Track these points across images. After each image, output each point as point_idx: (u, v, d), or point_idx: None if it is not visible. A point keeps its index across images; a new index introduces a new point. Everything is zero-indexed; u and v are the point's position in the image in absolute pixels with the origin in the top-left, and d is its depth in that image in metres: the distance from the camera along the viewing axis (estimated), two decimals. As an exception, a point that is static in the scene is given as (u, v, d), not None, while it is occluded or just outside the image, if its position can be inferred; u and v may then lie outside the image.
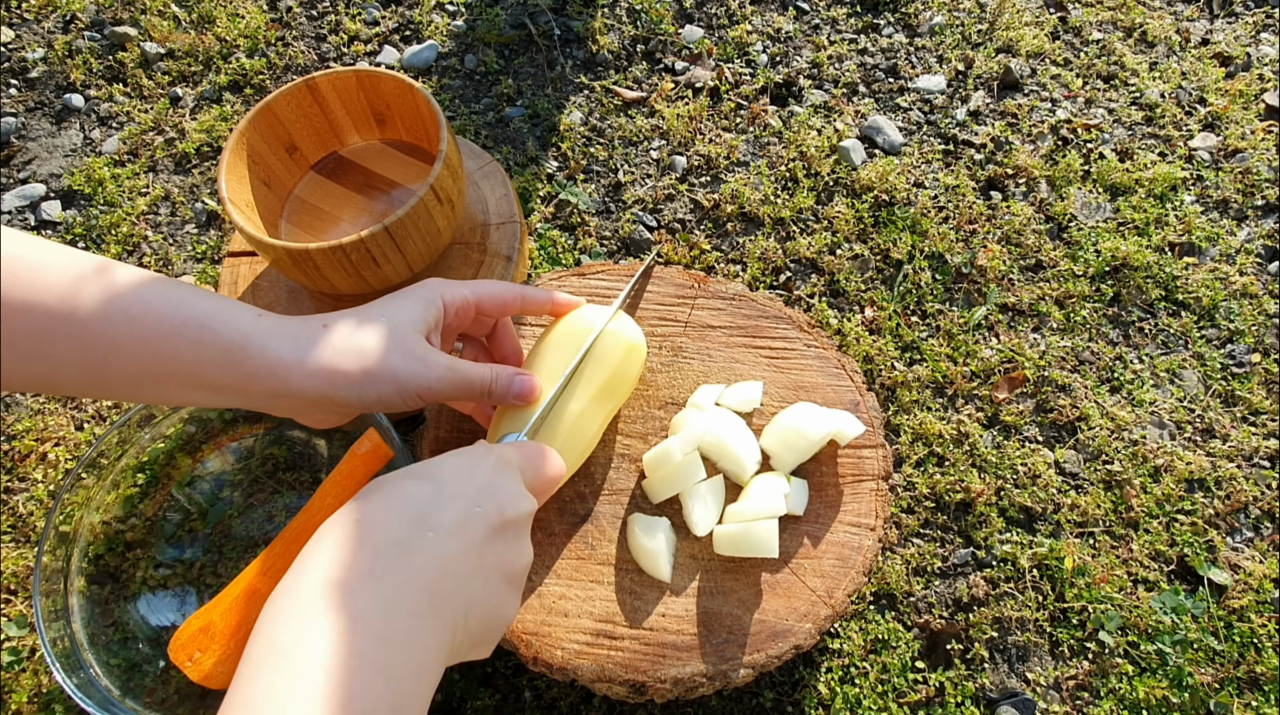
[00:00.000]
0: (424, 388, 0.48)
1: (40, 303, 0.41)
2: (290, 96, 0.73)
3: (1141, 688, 0.66)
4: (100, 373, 0.43)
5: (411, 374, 0.47)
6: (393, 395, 0.47)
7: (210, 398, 0.46)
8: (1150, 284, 0.87)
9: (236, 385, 0.45)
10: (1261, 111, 1.00)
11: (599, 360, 0.57)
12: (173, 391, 0.45)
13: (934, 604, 0.71)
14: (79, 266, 0.43)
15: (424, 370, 0.48)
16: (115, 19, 1.09)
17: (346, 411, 0.49)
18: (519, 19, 1.08)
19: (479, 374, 0.51)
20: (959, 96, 1.02)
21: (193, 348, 0.44)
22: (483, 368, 0.51)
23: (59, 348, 0.42)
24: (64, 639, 0.60)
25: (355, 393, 0.46)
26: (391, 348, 0.47)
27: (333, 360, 0.46)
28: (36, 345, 0.41)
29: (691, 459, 0.56)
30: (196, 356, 0.44)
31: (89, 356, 0.42)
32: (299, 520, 0.63)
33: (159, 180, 0.96)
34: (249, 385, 0.45)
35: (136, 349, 0.43)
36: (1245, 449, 0.77)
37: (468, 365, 0.50)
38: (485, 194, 0.83)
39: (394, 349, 0.47)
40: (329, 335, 0.47)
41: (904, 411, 0.79)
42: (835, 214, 0.91)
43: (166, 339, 0.43)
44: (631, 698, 0.54)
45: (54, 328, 0.41)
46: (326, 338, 0.47)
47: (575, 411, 0.55)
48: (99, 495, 0.67)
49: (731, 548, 0.54)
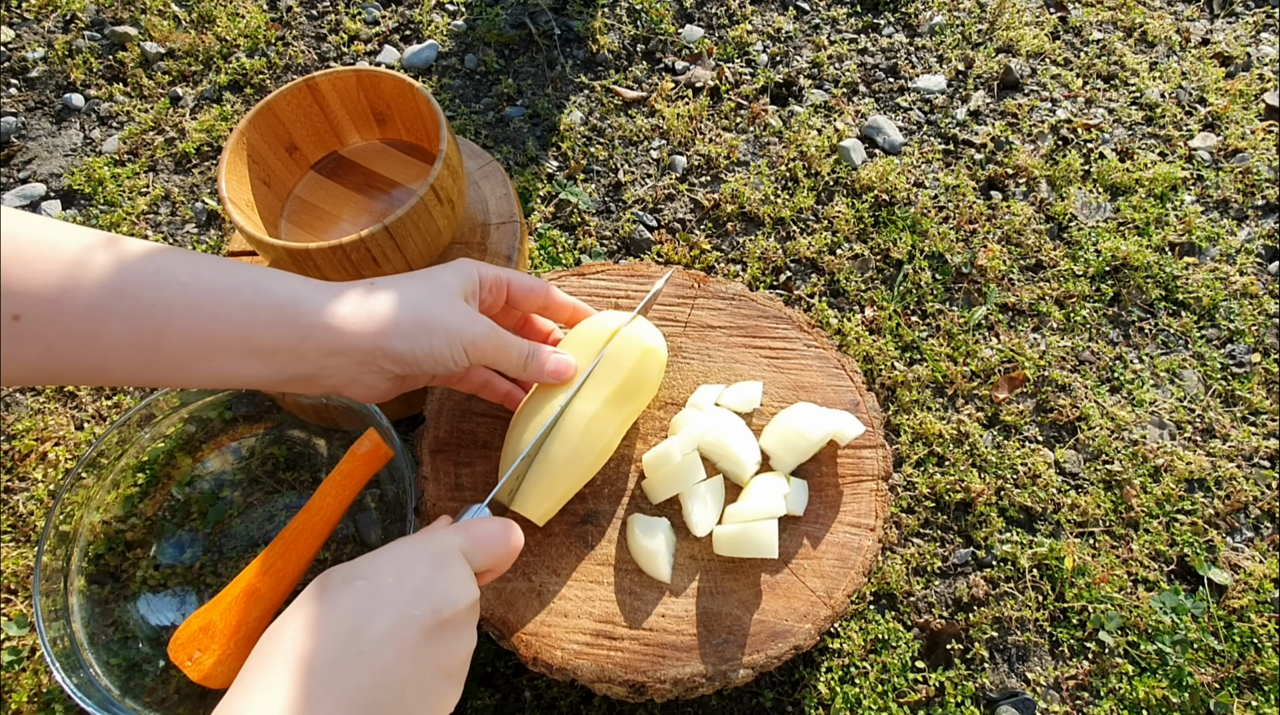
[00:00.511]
0: (470, 340, 0.50)
1: (90, 280, 0.41)
2: (290, 96, 0.73)
3: (1141, 687, 0.66)
4: (153, 349, 0.43)
5: (460, 326, 0.49)
6: (443, 347, 0.49)
7: (260, 368, 0.46)
8: (1150, 284, 0.87)
9: (290, 346, 0.46)
10: (1261, 111, 1.00)
11: (614, 363, 0.56)
12: (225, 364, 0.45)
13: (934, 604, 0.71)
14: (123, 246, 0.43)
15: (470, 324, 0.50)
16: (115, 19, 1.09)
17: (396, 369, 0.49)
18: (519, 19, 1.08)
19: (518, 342, 0.53)
20: (959, 96, 1.02)
21: (247, 310, 0.44)
22: (522, 340, 0.53)
23: (112, 326, 0.41)
24: (64, 638, 0.60)
25: (408, 344, 0.48)
26: (440, 301, 0.49)
27: (386, 311, 0.47)
28: (87, 323, 0.41)
29: (691, 459, 0.56)
30: (250, 318, 0.44)
31: (142, 331, 0.42)
32: (298, 520, 0.63)
33: (159, 180, 0.96)
34: (304, 345, 0.46)
35: (190, 318, 0.43)
36: (1245, 449, 0.77)
37: (508, 333, 0.53)
38: (485, 194, 0.83)
39: (442, 303, 0.49)
40: (379, 291, 0.48)
41: (904, 411, 0.79)
42: (835, 214, 0.91)
43: (219, 303, 0.44)
44: (631, 698, 0.54)
45: (105, 303, 0.41)
46: (377, 294, 0.48)
47: (588, 415, 0.55)
48: (99, 495, 0.67)
49: (731, 548, 0.54)
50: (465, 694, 0.66)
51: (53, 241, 0.41)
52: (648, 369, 0.58)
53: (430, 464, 0.59)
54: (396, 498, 0.69)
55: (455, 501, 0.58)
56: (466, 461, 0.60)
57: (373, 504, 0.69)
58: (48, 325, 0.40)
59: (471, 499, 0.58)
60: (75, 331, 0.41)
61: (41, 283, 0.40)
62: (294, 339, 0.45)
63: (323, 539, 0.63)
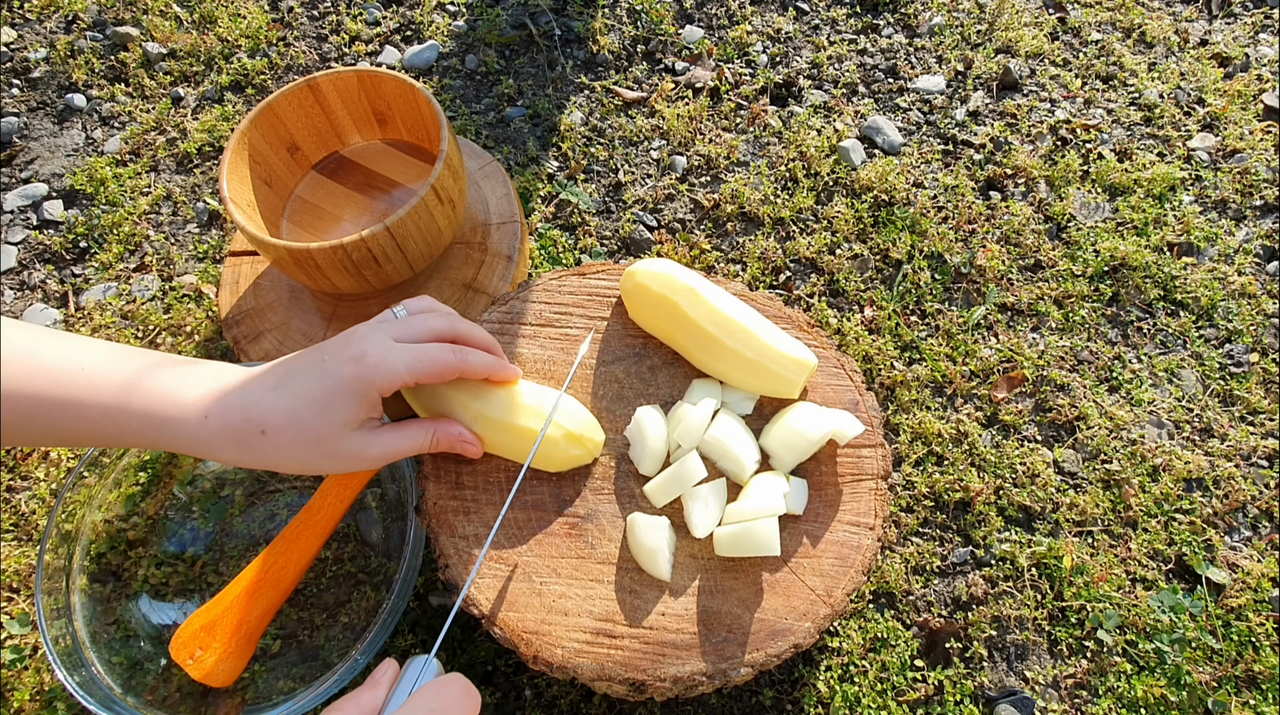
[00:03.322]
0: (365, 468, 0.53)
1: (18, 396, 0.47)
2: (292, 96, 0.74)
3: (1140, 686, 0.66)
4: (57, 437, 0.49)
5: (348, 468, 0.52)
6: (340, 472, 0.54)
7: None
8: (1149, 284, 0.87)
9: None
10: (1260, 112, 1.00)
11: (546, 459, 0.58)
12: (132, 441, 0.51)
13: (933, 603, 0.71)
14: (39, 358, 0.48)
15: (356, 465, 0.52)
16: (117, 19, 1.09)
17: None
18: (520, 19, 1.08)
19: (417, 443, 0.54)
20: (958, 97, 1.02)
21: (159, 443, 0.50)
22: (419, 435, 0.54)
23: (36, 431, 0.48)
24: (66, 637, 0.60)
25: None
26: (324, 453, 0.51)
27: (274, 464, 0.51)
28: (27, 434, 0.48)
29: (692, 460, 0.57)
30: (148, 443, 0.50)
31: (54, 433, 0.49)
32: (300, 519, 0.63)
33: (161, 180, 0.96)
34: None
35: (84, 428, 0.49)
36: (1243, 448, 0.77)
37: (403, 439, 0.54)
38: (486, 194, 0.83)
39: (327, 455, 0.51)
40: (266, 444, 0.50)
41: (903, 411, 0.79)
42: (835, 214, 0.91)
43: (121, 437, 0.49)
44: (631, 696, 0.54)
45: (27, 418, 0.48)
46: (264, 447, 0.50)
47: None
48: (101, 493, 0.67)
49: (733, 549, 0.55)
50: (466, 692, 0.66)
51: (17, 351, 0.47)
52: (578, 460, 0.59)
53: (431, 463, 0.60)
54: (397, 497, 0.69)
55: (455, 501, 0.58)
56: (467, 460, 0.60)
57: (373, 503, 0.70)
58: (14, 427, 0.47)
59: (471, 498, 0.58)
60: (28, 436, 0.48)
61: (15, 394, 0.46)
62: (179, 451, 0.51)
63: (324, 538, 0.63)
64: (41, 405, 0.46)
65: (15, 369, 0.46)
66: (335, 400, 0.50)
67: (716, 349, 0.60)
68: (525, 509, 0.59)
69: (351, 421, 0.51)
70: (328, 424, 0.50)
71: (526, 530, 0.58)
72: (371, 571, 0.67)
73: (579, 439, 0.58)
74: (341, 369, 0.50)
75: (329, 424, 0.50)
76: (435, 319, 0.55)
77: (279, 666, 0.64)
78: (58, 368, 0.47)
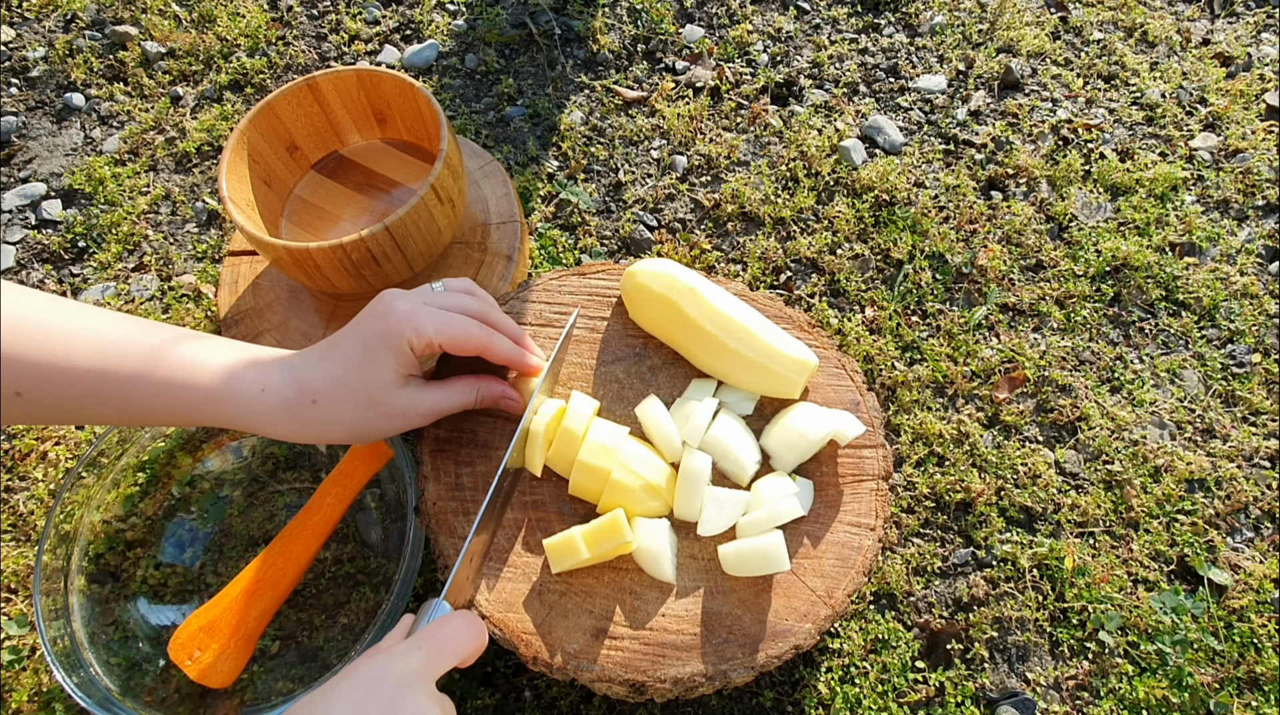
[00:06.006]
0: (416, 425, 0.55)
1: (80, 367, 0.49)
2: (291, 96, 0.73)
3: (1141, 687, 0.66)
4: (131, 416, 0.51)
5: (400, 427, 0.54)
6: (392, 433, 0.55)
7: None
8: (1151, 284, 0.87)
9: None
10: (1262, 111, 1.00)
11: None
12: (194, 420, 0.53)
13: (934, 604, 0.71)
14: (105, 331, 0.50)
15: (407, 422, 0.54)
16: (116, 18, 1.09)
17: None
18: (519, 18, 1.08)
19: (464, 399, 0.56)
20: (959, 96, 1.02)
21: (189, 407, 0.51)
22: (465, 391, 0.56)
23: (96, 406, 0.50)
24: (64, 638, 0.60)
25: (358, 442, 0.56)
26: (378, 413, 0.53)
27: (330, 433, 0.53)
28: (78, 403, 0.50)
29: (698, 458, 0.56)
30: (197, 413, 0.52)
31: (125, 409, 0.50)
32: (299, 519, 0.63)
33: (160, 179, 0.96)
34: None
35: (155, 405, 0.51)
36: (1245, 449, 0.77)
37: (450, 395, 0.55)
38: (486, 193, 0.83)
39: (380, 414, 0.53)
40: (320, 413, 0.52)
41: (904, 411, 0.79)
42: (835, 214, 0.91)
43: (175, 391, 0.50)
44: (631, 697, 0.54)
45: (94, 387, 0.49)
46: (318, 417, 0.52)
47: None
48: (99, 494, 0.67)
49: (741, 568, 0.54)
50: (465, 693, 0.66)
51: (48, 321, 0.48)
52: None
53: (430, 463, 0.59)
54: (396, 497, 0.69)
55: (455, 501, 0.58)
56: (467, 461, 0.60)
57: (373, 503, 0.70)
58: (45, 401, 0.48)
59: (471, 498, 0.58)
60: (67, 409, 0.49)
61: (41, 364, 0.47)
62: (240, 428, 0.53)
63: (323, 538, 0.63)
64: (72, 376, 0.48)
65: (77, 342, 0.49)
66: (372, 357, 0.52)
67: (717, 349, 0.60)
68: (525, 509, 0.58)
69: (393, 378, 0.52)
70: (373, 382, 0.52)
71: (527, 530, 0.58)
72: (371, 572, 0.67)
73: (656, 490, 0.57)
74: (373, 326, 0.52)
75: (374, 382, 0.52)
76: (469, 300, 0.57)
77: (278, 667, 0.63)
78: (96, 339, 0.49)
